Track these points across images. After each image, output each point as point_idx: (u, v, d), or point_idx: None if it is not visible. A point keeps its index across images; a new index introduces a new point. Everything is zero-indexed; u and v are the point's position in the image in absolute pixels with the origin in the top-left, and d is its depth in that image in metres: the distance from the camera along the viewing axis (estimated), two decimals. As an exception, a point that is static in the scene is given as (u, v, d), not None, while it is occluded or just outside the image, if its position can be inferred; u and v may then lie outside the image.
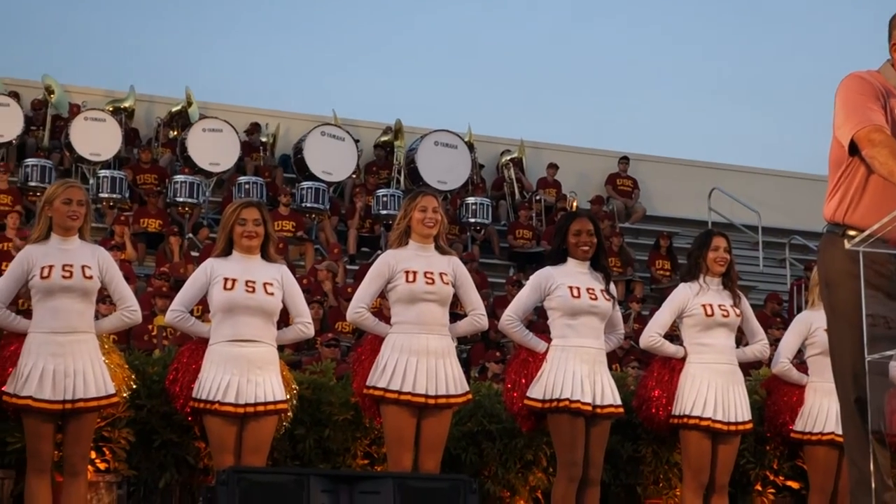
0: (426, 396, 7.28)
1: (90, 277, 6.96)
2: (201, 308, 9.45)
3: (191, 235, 18.71)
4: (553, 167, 22.90)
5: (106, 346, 7.14)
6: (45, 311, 6.91)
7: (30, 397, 6.78)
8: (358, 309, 7.50)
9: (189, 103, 21.77)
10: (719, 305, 7.98)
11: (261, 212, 7.34)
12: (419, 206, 7.51)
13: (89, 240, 7.17)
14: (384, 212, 19.96)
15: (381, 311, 10.67)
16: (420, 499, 5.92)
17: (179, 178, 19.34)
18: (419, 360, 7.32)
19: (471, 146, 21.98)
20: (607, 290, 7.72)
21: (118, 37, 37.46)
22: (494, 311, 16.59)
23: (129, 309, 7.22)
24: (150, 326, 13.80)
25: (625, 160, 23.75)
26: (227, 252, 7.32)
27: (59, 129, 20.60)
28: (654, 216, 23.63)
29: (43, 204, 7.07)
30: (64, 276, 6.88)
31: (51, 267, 6.90)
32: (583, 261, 7.75)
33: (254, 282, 7.16)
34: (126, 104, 21.54)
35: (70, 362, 6.86)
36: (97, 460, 7.49)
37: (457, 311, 7.72)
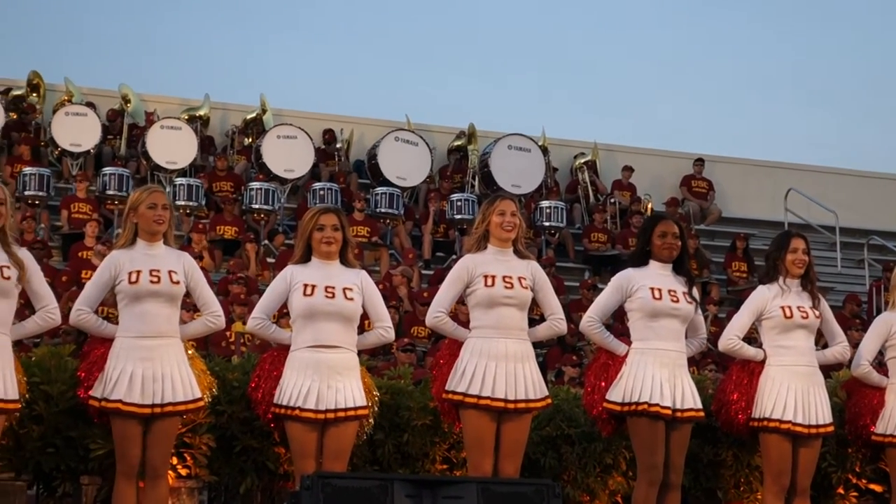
0: (505, 401, 7.27)
1: (177, 283, 7.04)
2: (276, 314, 9.51)
3: (266, 242, 18.82)
4: (628, 169, 22.80)
5: (189, 353, 7.20)
6: (132, 316, 6.99)
7: (119, 401, 6.86)
8: (437, 314, 7.50)
9: (264, 110, 21.94)
10: (798, 307, 7.90)
11: (339, 217, 7.37)
12: (497, 210, 7.49)
13: (173, 245, 7.24)
14: (458, 216, 19.99)
15: (456, 315, 10.68)
16: (504, 503, 5.91)
17: (255, 185, 19.46)
18: (498, 364, 7.31)
19: (544, 149, 21.95)
20: (690, 293, 7.66)
21: (193, 46, 37.79)
22: (570, 315, 16.58)
23: (214, 314, 7.28)
24: (227, 333, 13.89)
25: (700, 162, 23.60)
26: (306, 258, 7.35)
27: (135, 137, 20.81)
28: (730, 218, 23.48)
29: (128, 210, 7.15)
30: (152, 281, 6.96)
31: (138, 272, 6.98)
32: (666, 263, 7.70)
33: (333, 287, 7.19)
34: (201, 112, 21.74)
35: (158, 366, 6.94)
36: (178, 466, 7.55)
37: (533, 316, 7.71)
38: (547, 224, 20.50)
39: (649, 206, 21.92)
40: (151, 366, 6.93)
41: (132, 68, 36.07)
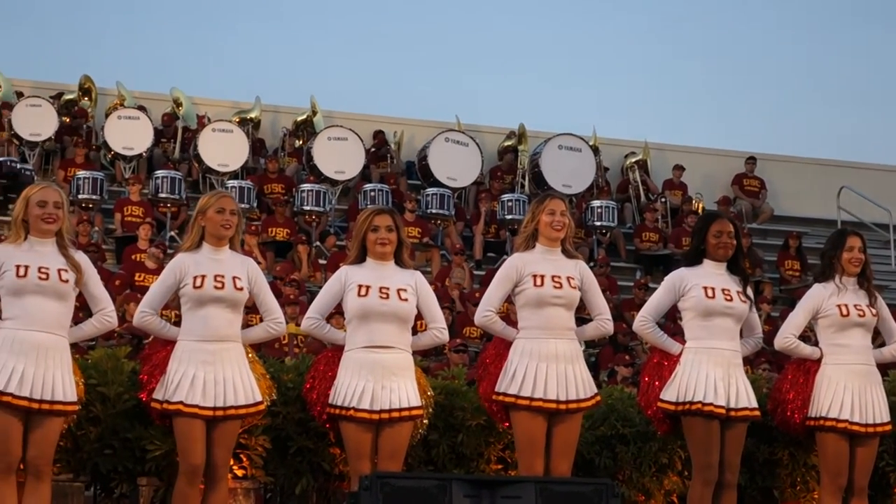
0: (557, 402, 7.28)
1: (241, 289, 7.07)
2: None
3: (318, 243, 18.87)
4: (679, 168, 22.72)
5: (250, 356, 7.22)
6: (195, 320, 7.04)
7: (181, 402, 6.91)
8: (486, 312, 7.50)
9: (314, 112, 22.00)
10: (855, 305, 7.85)
11: (393, 218, 7.38)
12: (547, 210, 7.49)
13: (239, 250, 7.27)
14: (509, 216, 19.99)
15: (508, 315, 10.69)
16: (562, 503, 5.89)
17: (306, 186, 19.52)
18: (549, 365, 7.31)
19: (595, 149, 21.90)
20: (744, 293, 7.63)
21: (243, 49, 37.93)
22: (622, 315, 16.54)
23: (276, 321, 7.31)
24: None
25: (751, 160, 23.49)
26: (360, 259, 7.36)
27: (187, 140, 20.92)
28: (783, 216, 23.35)
29: (196, 214, 7.20)
30: (216, 287, 7.01)
31: (203, 277, 7.03)
32: (720, 262, 7.67)
33: (388, 288, 7.19)
34: (252, 115, 21.83)
35: (220, 370, 6.98)
36: (234, 467, 7.58)
37: (583, 315, 7.70)
38: (598, 224, 20.47)
39: (701, 205, 21.84)
40: (213, 370, 6.97)
41: (183, 72, 36.25)
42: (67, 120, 20.89)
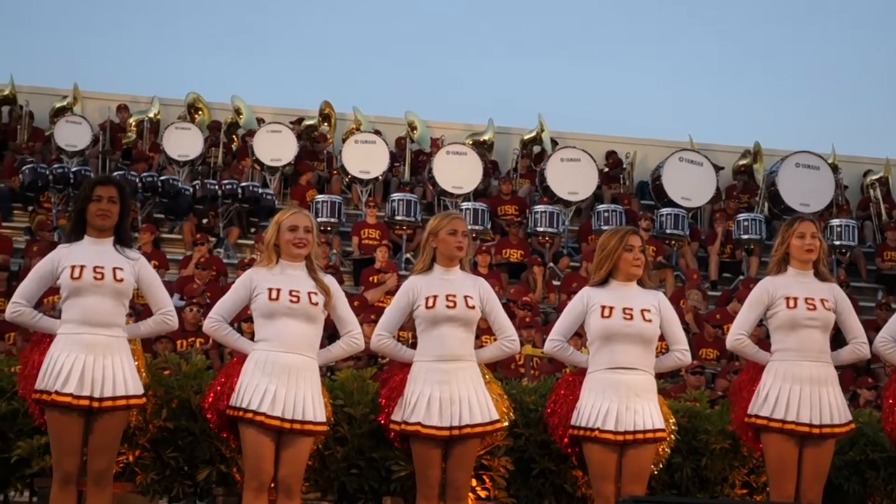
0: (810, 426, 7.14)
1: (472, 307, 7.12)
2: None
3: (552, 265, 18.87)
4: (922, 185, 22.10)
5: (487, 377, 7.24)
6: (429, 340, 7.11)
7: (419, 423, 6.98)
8: (738, 336, 7.40)
9: (542, 129, 22.06)
10: None
11: (641, 238, 7.38)
12: (797, 233, 7.38)
13: (468, 269, 7.33)
14: (745, 236, 19.72)
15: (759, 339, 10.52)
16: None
17: (539, 208, 19.57)
18: (802, 388, 7.19)
19: (834, 167, 21.44)
20: None
21: (476, 72, 38.24)
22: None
23: (509, 339, 7.32)
24: (516, 355, 13.96)
25: None
26: (604, 280, 7.33)
27: (421, 163, 21.19)
28: None
29: (427, 236, 7.28)
30: (447, 306, 7.07)
31: (435, 297, 7.10)
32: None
33: (631, 309, 7.16)
34: (485, 137, 21.99)
35: (455, 389, 7.03)
36: (478, 488, 7.63)
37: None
38: (837, 243, 20.01)
39: (944, 224, 21.17)
40: (448, 389, 7.03)
41: (417, 95, 36.73)
42: (308, 145, 21.36)
